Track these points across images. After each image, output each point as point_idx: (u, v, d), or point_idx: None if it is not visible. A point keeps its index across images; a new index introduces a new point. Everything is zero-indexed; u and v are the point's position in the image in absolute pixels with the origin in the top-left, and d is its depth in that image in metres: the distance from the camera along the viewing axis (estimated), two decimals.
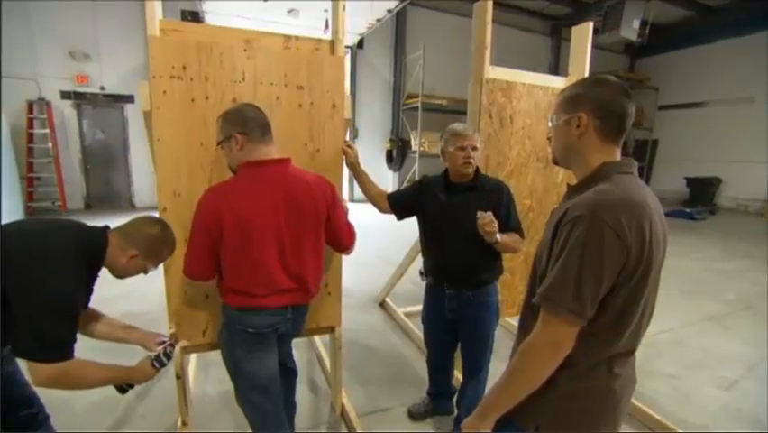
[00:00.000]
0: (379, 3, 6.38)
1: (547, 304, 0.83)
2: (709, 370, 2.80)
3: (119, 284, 1.57)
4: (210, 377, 2.47)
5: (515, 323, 1.24)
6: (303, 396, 2.29)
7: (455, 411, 2.08)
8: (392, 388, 2.46)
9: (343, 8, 1.82)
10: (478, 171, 1.78)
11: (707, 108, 10.81)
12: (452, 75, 9.21)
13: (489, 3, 2.06)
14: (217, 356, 1.56)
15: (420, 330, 2.20)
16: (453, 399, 2.14)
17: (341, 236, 1.58)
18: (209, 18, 6.58)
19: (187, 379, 1.99)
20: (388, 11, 6.84)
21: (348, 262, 1.94)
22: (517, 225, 1.79)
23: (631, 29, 7.97)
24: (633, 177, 0.92)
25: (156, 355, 1.41)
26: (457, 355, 2.04)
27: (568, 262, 0.80)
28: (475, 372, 1.90)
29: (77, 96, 7.30)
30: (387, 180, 9.92)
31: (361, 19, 7.00)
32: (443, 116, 8.71)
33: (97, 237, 1.29)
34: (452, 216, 1.74)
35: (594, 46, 2.59)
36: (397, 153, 9.84)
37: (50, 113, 6.97)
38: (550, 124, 1.03)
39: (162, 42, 1.57)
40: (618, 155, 0.95)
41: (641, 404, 2.26)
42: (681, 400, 2.45)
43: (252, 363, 1.46)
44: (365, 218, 2.99)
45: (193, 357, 2.60)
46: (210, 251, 1.34)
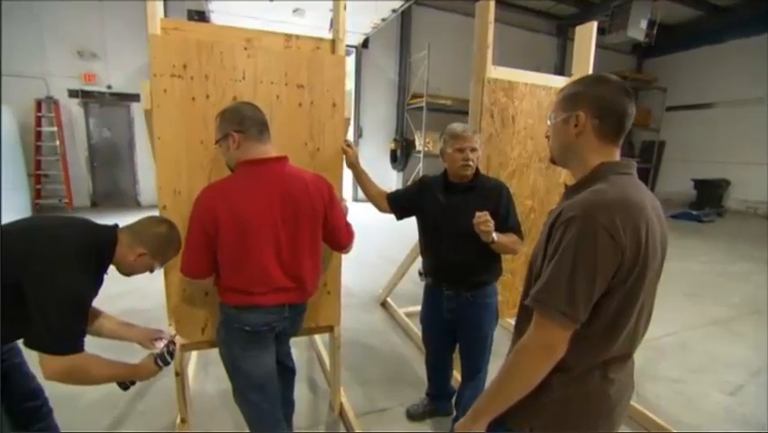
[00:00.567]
0: (384, 2, 6.37)
1: (539, 306, 0.81)
2: (714, 374, 2.76)
3: (121, 282, 1.59)
4: (210, 375, 2.48)
5: None
6: (302, 395, 2.30)
7: (454, 412, 2.07)
8: (391, 388, 2.46)
9: (344, 7, 1.82)
10: (478, 172, 1.77)
11: (715, 109, 10.68)
12: (456, 75, 9.15)
13: (491, 2, 2.05)
14: (217, 355, 1.56)
15: (420, 330, 2.20)
16: (453, 400, 2.13)
17: (338, 235, 1.58)
18: (215, 18, 6.60)
19: (187, 377, 2.00)
20: (393, 11, 6.83)
21: (350, 262, 1.93)
22: (517, 227, 1.77)
23: (638, 29, 7.92)
24: (631, 178, 0.90)
25: (159, 354, 1.43)
26: (456, 356, 2.03)
27: (561, 264, 0.79)
28: (473, 373, 1.89)
29: (84, 95, 7.36)
30: (391, 180, 9.90)
31: (365, 19, 7.00)
32: (447, 116, 8.61)
33: (107, 235, 1.34)
34: (451, 217, 1.73)
35: (601, 46, 2.57)
36: (402, 153, 9.81)
37: (57, 111, 7.04)
38: (549, 123, 1.01)
39: (163, 41, 1.58)
40: (617, 155, 0.93)
41: (642, 407, 2.23)
42: (684, 404, 2.42)
43: (249, 361, 1.46)
44: (367, 218, 2.98)
45: (193, 356, 2.62)
46: (206, 248, 1.34)
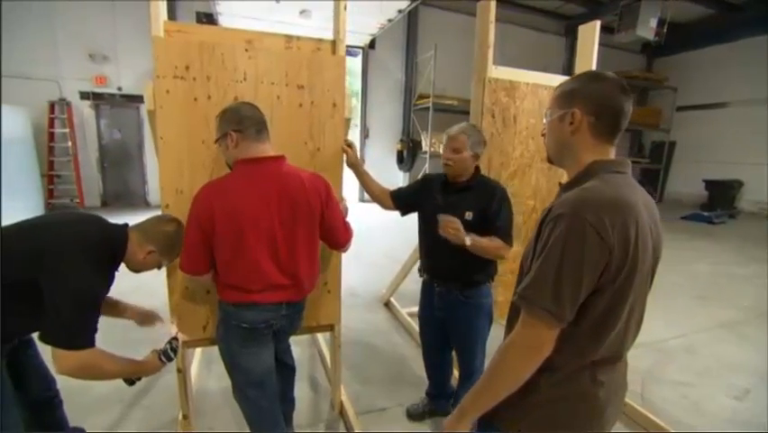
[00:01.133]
0: (390, 3, 6.37)
1: (525, 304, 0.81)
2: (721, 378, 2.71)
3: (129, 279, 1.63)
4: (213, 373, 2.51)
5: None
6: (303, 393, 2.31)
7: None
8: (392, 388, 2.46)
9: (344, 8, 1.83)
10: (476, 173, 1.78)
11: (728, 109, 10.47)
12: (463, 75, 8.97)
13: (492, 2, 2.05)
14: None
15: None
16: (452, 400, 2.13)
17: (335, 234, 1.59)
18: (223, 20, 6.67)
19: (189, 374, 2.02)
20: (399, 11, 6.82)
21: (356, 263, 1.95)
22: (503, 231, 1.70)
23: (648, 28, 7.81)
24: (625, 176, 0.89)
25: (163, 349, 1.50)
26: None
27: (548, 261, 0.78)
28: (468, 373, 1.89)
29: (95, 97, 7.50)
30: (397, 181, 9.88)
31: (372, 19, 7.01)
32: (454, 117, 8.63)
33: (119, 234, 1.39)
34: (446, 214, 1.74)
35: (610, 45, 2.54)
36: (408, 154, 9.80)
37: (70, 113, 7.19)
38: (544, 120, 1.01)
39: (166, 43, 1.60)
40: (612, 154, 0.92)
41: (645, 411, 2.21)
42: (690, 408, 2.39)
43: (248, 358, 1.48)
44: (374, 219, 2.99)
45: (197, 353, 2.65)
46: (204, 245, 1.36)
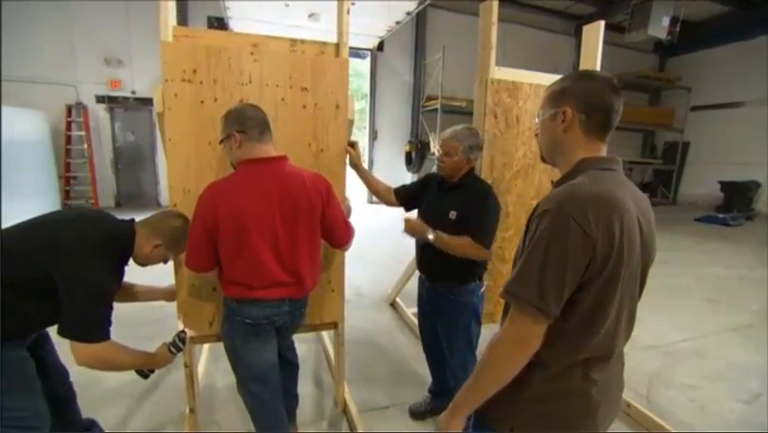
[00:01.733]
0: (398, 4, 6.40)
1: (510, 299, 0.82)
2: (730, 382, 2.67)
3: (140, 275, 1.70)
4: (220, 369, 2.55)
5: None
6: (307, 390, 2.34)
7: None
8: (395, 386, 2.48)
9: (348, 11, 1.87)
10: (469, 173, 1.81)
11: (744, 109, 10.25)
12: (471, 77, 8.93)
13: (495, 3, 2.06)
14: None
15: None
16: None
17: (336, 233, 1.62)
18: (233, 24, 6.78)
19: (196, 369, 2.07)
20: (407, 13, 6.84)
21: (363, 263, 1.98)
22: (477, 231, 1.66)
23: (660, 27, 7.69)
24: (614, 173, 0.90)
25: (171, 342, 1.57)
26: None
27: (532, 256, 0.79)
28: (461, 372, 1.89)
29: (110, 100, 7.70)
30: (406, 182, 9.91)
31: (379, 21, 7.04)
32: (462, 118, 8.55)
33: (127, 229, 1.45)
34: (435, 212, 1.80)
35: (621, 45, 2.53)
36: (417, 156, 9.81)
37: (86, 116, 7.39)
38: (536, 120, 1.02)
39: (174, 48, 1.65)
40: (604, 151, 0.94)
41: (649, 412, 2.18)
42: (698, 411, 2.35)
43: (251, 353, 1.52)
44: (381, 220, 3.01)
45: (204, 350, 2.70)
46: (208, 243, 1.40)
